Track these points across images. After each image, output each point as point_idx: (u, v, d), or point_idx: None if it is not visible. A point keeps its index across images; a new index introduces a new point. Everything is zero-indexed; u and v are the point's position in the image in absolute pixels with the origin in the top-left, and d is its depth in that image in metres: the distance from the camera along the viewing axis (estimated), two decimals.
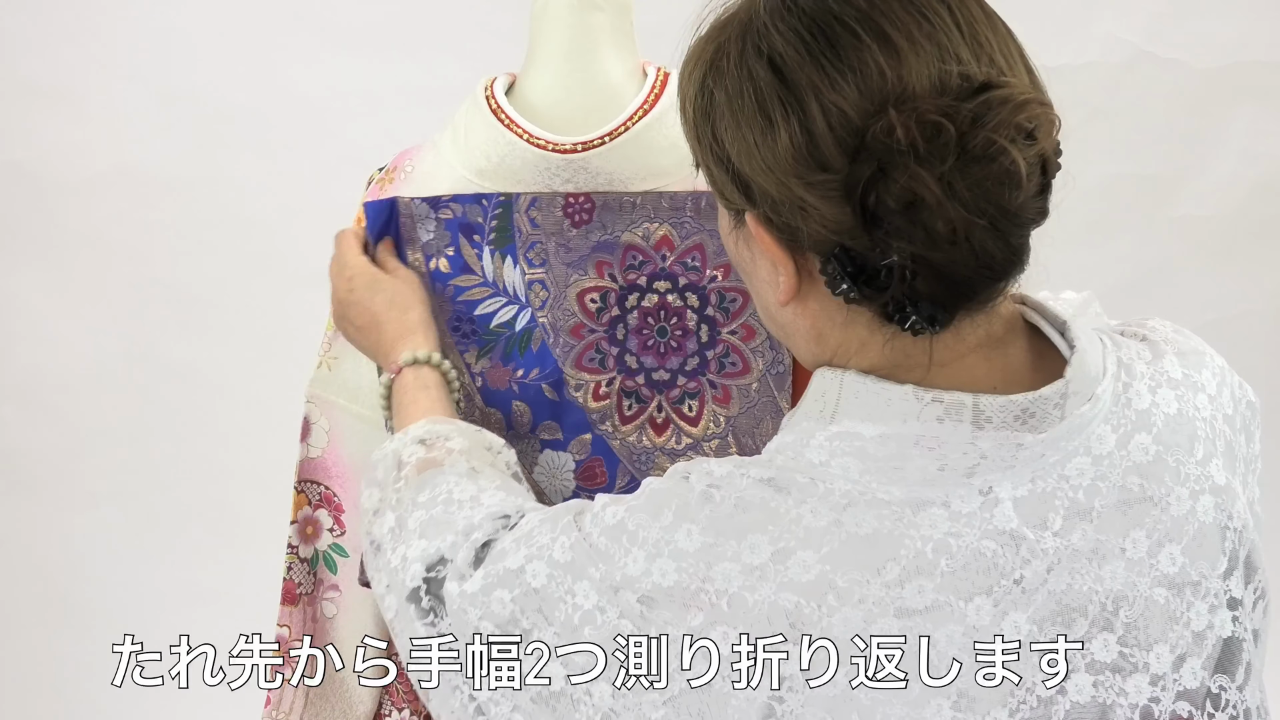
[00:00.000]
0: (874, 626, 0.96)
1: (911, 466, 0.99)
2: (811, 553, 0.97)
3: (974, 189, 0.93)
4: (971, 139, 0.92)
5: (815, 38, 0.97)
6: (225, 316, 2.68)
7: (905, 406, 1.00)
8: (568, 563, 1.03)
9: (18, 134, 2.60)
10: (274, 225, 2.64)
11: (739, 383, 1.37)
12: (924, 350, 1.01)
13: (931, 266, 0.94)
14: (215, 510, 2.74)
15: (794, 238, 0.99)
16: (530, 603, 1.04)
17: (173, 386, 2.70)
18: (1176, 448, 1.04)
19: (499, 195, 1.38)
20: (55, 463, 2.73)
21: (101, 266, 2.65)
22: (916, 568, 0.97)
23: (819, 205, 0.96)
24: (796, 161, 0.96)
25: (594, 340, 1.39)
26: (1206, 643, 1.03)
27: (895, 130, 0.92)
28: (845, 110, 0.95)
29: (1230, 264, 2.82)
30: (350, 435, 1.46)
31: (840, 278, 0.97)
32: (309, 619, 1.47)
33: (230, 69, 2.59)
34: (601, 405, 1.39)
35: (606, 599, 1.01)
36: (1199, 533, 1.03)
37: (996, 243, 0.95)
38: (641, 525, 1.02)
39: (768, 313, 1.09)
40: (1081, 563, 0.99)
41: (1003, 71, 0.97)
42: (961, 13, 0.98)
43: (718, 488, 1.01)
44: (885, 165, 0.93)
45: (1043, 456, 0.99)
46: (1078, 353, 1.02)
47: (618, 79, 1.38)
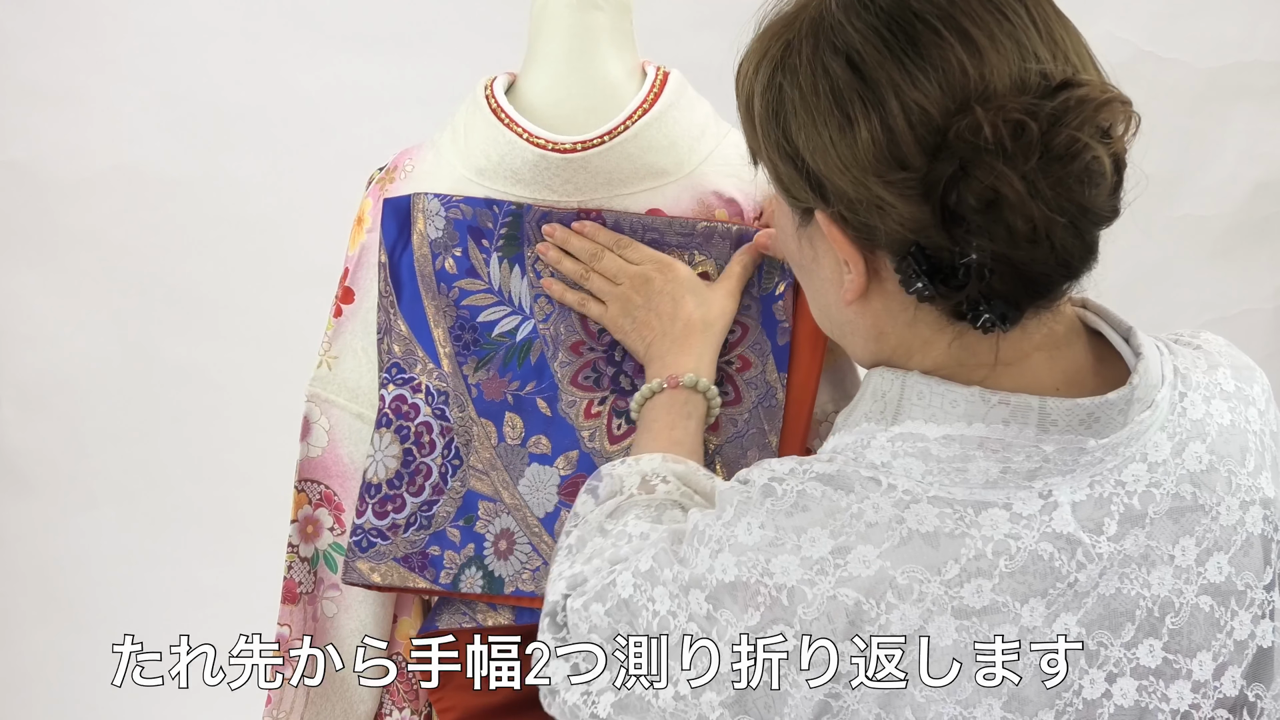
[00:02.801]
0: (931, 625, 0.97)
1: (974, 468, 0.99)
2: (872, 548, 0.97)
3: (1056, 187, 0.93)
4: (1054, 137, 0.92)
5: (895, 34, 0.96)
6: (226, 316, 2.68)
7: (971, 408, 1.00)
8: (648, 570, 1.05)
9: (18, 134, 2.60)
10: (275, 225, 2.64)
11: (729, 412, 1.37)
12: (990, 349, 1.01)
13: (1010, 264, 0.94)
14: (215, 510, 2.74)
15: (869, 236, 0.99)
16: (622, 614, 1.06)
17: (173, 386, 2.70)
18: (1229, 458, 1.04)
19: (511, 204, 1.37)
20: (55, 463, 2.73)
21: (101, 266, 2.65)
22: (977, 568, 0.97)
23: (897, 203, 0.95)
24: (876, 160, 0.96)
25: (592, 359, 1.39)
26: (1247, 652, 1.03)
27: (982, 129, 0.92)
28: (927, 108, 0.94)
29: (1230, 264, 2.81)
30: (350, 435, 1.46)
31: (915, 276, 0.96)
32: (309, 618, 1.47)
33: (230, 69, 2.59)
34: (592, 423, 1.39)
35: (678, 603, 1.02)
36: (1246, 543, 1.03)
37: (1074, 240, 0.95)
38: (708, 525, 1.03)
39: (826, 311, 1.09)
40: (1131, 568, 1.00)
41: (1077, 69, 0.97)
42: (1037, 11, 0.98)
43: (780, 482, 1.01)
44: (967, 163, 0.93)
45: (1101, 461, 1.00)
46: (1143, 359, 1.02)
47: (617, 78, 1.38)
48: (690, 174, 1.38)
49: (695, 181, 1.38)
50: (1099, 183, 0.94)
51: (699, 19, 2.09)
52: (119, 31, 2.57)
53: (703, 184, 1.39)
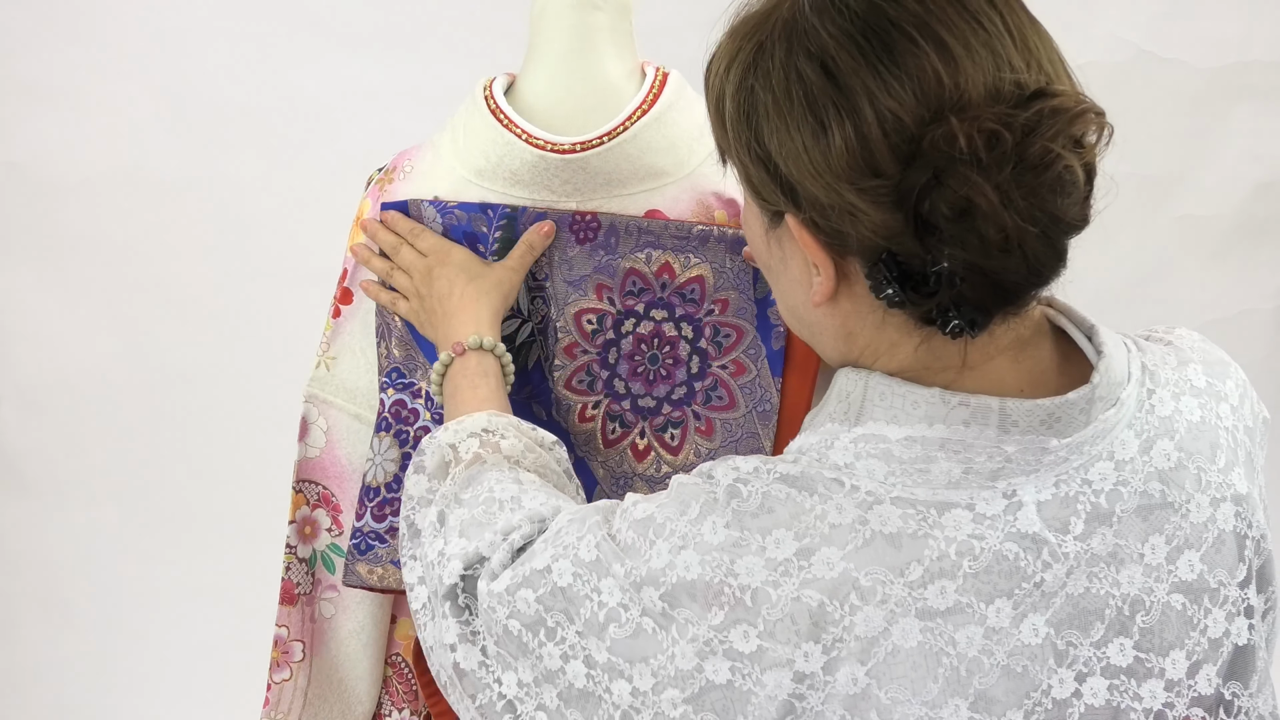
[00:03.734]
0: (895, 626, 0.96)
1: (937, 469, 0.99)
2: (835, 550, 0.97)
3: (1028, 197, 0.92)
4: (1028, 148, 0.92)
5: (869, 40, 0.96)
6: (225, 316, 2.68)
7: (932, 409, 1.00)
8: (593, 561, 1.04)
9: (18, 134, 2.60)
10: (274, 225, 2.64)
11: (723, 416, 1.37)
12: (956, 352, 1.01)
13: (982, 273, 0.94)
14: (214, 510, 2.74)
15: (840, 241, 0.99)
16: (556, 601, 1.04)
17: (173, 386, 2.70)
18: (1198, 455, 1.04)
19: (505, 207, 1.37)
20: (55, 463, 2.73)
21: (101, 266, 2.65)
22: (940, 569, 0.97)
23: (869, 210, 0.95)
24: (849, 167, 0.95)
25: (586, 362, 1.39)
26: (1222, 650, 1.03)
27: (957, 138, 0.91)
28: (901, 116, 0.94)
29: (1230, 264, 2.82)
30: (348, 435, 1.46)
31: (886, 282, 0.96)
32: (307, 619, 1.47)
33: (230, 69, 2.59)
34: (586, 427, 1.39)
35: (630, 596, 1.01)
36: (1218, 540, 1.03)
37: (1045, 249, 0.95)
38: (669, 519, 1.02)
39: (794, 312, 1.09)
40: (1100, 567, 1.00)
41: (1051, 78, 0.97)
42: (1011, 19, 0.98)
43: (745, 483, 1.01)
44: (941, 172, 0.92)
45: (1066, 460, 1.00)
46: (1105, 357, 1.02)
47: (617, 79, 1.38)
48: (690, 174, 1.38)
49: (695, 182, 1.38)
50: (1071, 192, 0.94)
51: (699, 19, 2.08)
52: (119, 31, 2.57)
53: (702, 184, 1.38)
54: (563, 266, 1.38)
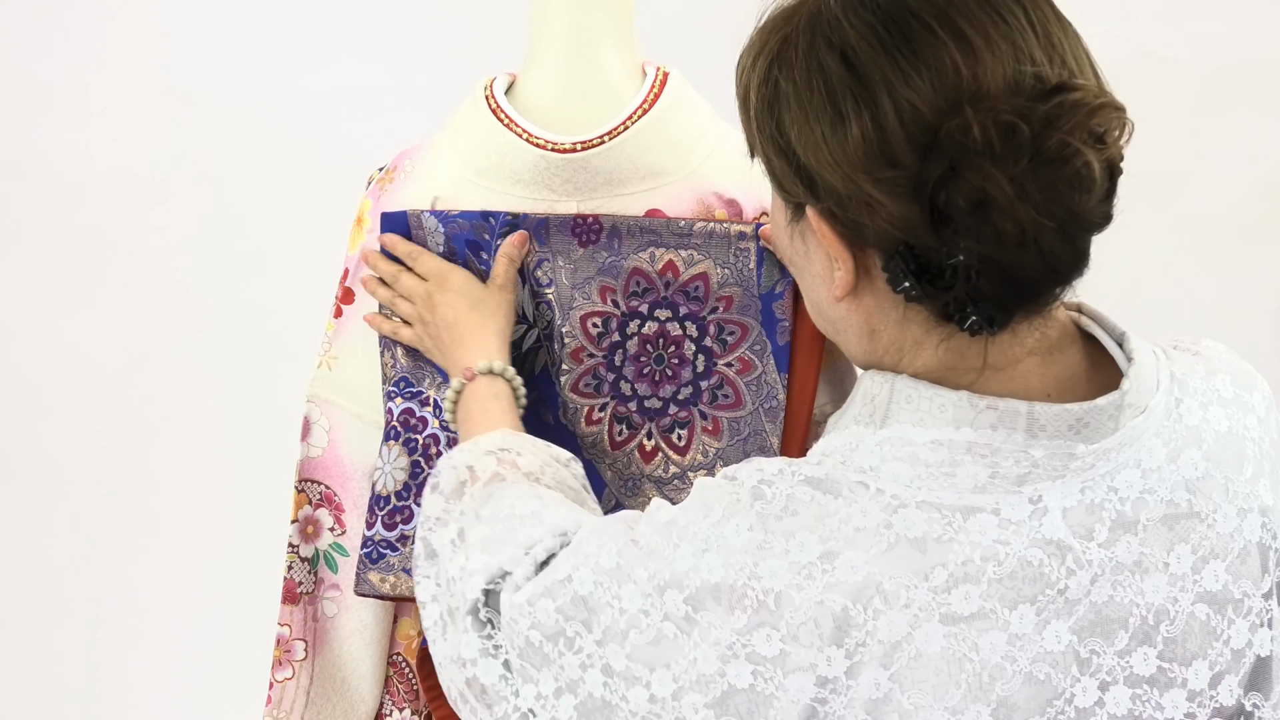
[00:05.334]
0: (919, 631, 0.96)
1: (963, 473, 0.98)
2: (860, 554, 0.97)
3: (1045, 191, 0.92)
4: (1045, 141, 0.92)
5: (890, 32, 0.96)
6: (225, 316, 2.68)
7: (959, 412, 0.99)
8: (613, 568, 1.03)
9: (18, 134, 2.60)
10: (274, 225, 2.64)
11: (730, 415, 1.37)
12: (979, 352, 1.00)
13: (997, 267, 0.94)
14: (215, 510, 2.74)
15: (858, 233, 0.99)
16: (576, 610, 1.04)
17: (173, 386, 2.70)
18: (1225, 465, 1.03)
19: (506, 214, 1.37)
20: (55, 463, 2.73)
21: (101, 266, 2.65)
22: (964, 574, 0.96)
23: (886, 202, 0.95)
24: (866, 157, 0.95)
25: (592, 365, 1.39)
26: (1244, 661, 1.03)
27: (971, 129, 0.91)
28: (918, 107, 0.94)
29: (1230, 264, 2.81)
30: (350, 435, 1.46)
31: (903, 275, 0.96)
32: (309, 618, 1.47)
33: (230, 69, 2.59)
34: (593, 430, 1.39)
35: (651, 602, 1.01)
36: (1244, 550, 1.03)
37: (1063, 246, 0.95)
38: (691, 521, 1.02)
39: (818, 308, 1.09)
40: (1124, 575, 0.99)
41: (1074, 73, 0.97)
42: (1035, 13, 0.97)
43: (769, 484, 1.00)
44: (957, 164, 0.92)
45: (1093, 467, 0.99)
46: (1135, 364, 1.02)
47: (617, 78, 1.38)
48: (690, 174, 1.38)
49: (695, 181, 1.38)
50: (1089, 188, 0.93)
51: (701, 18, 2.09)
52: (119, 31, 2.57)
53: (703, 184, 1.38)
54: (567, 270, 1.38)
